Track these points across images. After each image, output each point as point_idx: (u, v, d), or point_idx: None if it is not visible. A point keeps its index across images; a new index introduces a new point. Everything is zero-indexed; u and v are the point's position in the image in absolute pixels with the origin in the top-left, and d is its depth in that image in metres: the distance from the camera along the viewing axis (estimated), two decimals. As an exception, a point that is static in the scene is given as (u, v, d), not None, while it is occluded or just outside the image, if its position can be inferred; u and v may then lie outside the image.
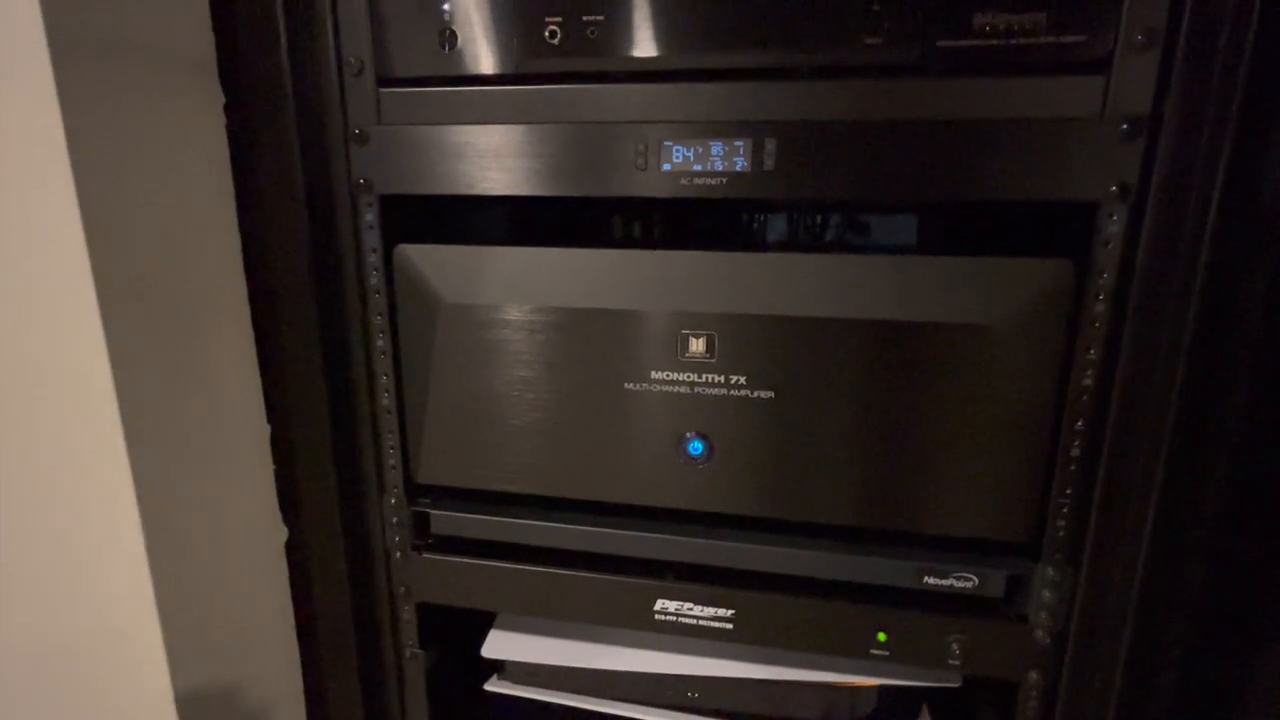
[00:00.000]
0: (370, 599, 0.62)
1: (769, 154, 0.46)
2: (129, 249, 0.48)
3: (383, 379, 0.56)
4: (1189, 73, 0.40)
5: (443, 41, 0.48)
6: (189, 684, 0.54)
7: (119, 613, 0.52)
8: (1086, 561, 0.49)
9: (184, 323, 0.52)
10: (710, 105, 0.46)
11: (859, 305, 0.47)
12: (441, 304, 0.53)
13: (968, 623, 0.52)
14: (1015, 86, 0.43)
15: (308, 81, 0.50)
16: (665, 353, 0.51)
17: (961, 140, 0.43)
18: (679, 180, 0.47)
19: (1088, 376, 0.46)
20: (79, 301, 0.46)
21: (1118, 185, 0.42)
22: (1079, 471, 0.48)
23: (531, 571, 0.58)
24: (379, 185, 0.52)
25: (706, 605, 0.55)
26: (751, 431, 0.51)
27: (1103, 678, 0.50)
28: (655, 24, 0.45)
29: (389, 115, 0.51)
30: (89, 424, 0.48)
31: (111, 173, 0.46)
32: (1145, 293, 0.44)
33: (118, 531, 0.50)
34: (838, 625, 0.54)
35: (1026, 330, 0.46)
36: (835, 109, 0.45)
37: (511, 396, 0.54)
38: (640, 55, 0.46)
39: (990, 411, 0.48)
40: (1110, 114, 0.42)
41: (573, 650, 0.64)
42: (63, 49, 0.42)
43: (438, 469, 0.58)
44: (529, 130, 0.49)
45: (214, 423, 0.55)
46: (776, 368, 0.49)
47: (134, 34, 0.47)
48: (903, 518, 0.51)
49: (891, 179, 0.45)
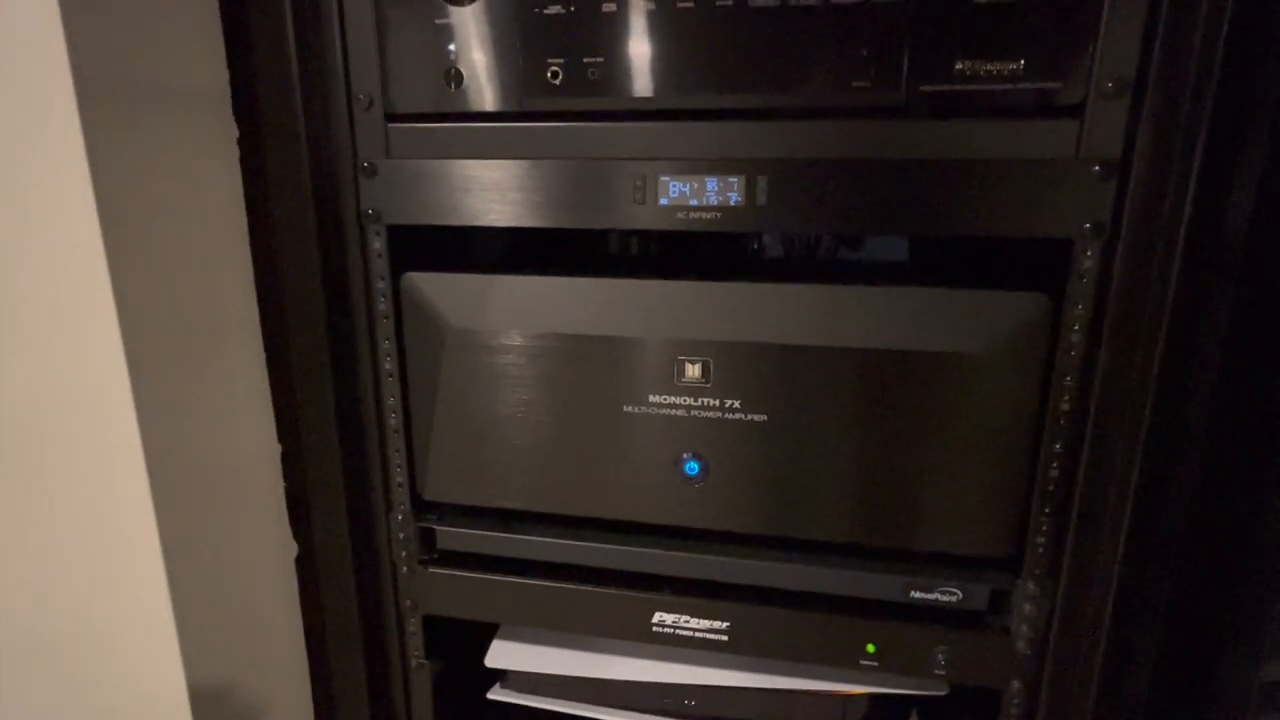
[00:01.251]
0: (378, 611, 0.64)
1: (761, 190, 0.48)
2: (148, 276, 0.50)
3: (390, 400, 0.58)
4: (1157, 118, 0.42)
5: (449, 80, 0.50)
6: (201, 693, 0.56)
7: (135, 626, 0.54)
8: (1065, 576, 0.51)
9: (200, 345, 0.54)
10: (705, 143, 0.48)
11: (847, 333, 0.50)
12: (447, 329, 0.55)
13: (952, 635, 0.54)
14: (994, 129, 0.45)
15: (319, 116, 0.52)
16: (662, 377, 0.53)
17: (943, 178, 0.46)
18: (675, 214, 0.50)
19: (1065, 402, 0.49)
20: (102, 325, 0.48)
21: (1091, 223, 0.45)
22: (1057, 491, 0.50)
23: (533, 585, 0.60)
24: (387, 216, 0.54)
25: (702, 618, 0.57)
26: (745, 453, 0.53)
27: (1080, 685, 0.53)
28: (653, 66, 0.47)
29: (397, 149, 0.53)
30: (109, 441, 0.50)
31: (132, 204, 0.48)
32: (1118, 324, 0.46)
33: (135, 544, 0.52)
34: (828, 637, 0.56)
35: (1006, 358, 0.48)
36: (824, 148, 0.47)
37: (514, 418, 0.56)
38: (638, 95, 0.48)
39: (973, 435, 0.50)
40: (1084, 156, 0.44)
41: (573, 660, 0.66)
42: (88, 91, 0.44)
43: (443, 487, 0.60)
44: (532, 165, 0.51)
45: (227, 441, 0.57)
46: (769, 392, 0.52)
47: (153, 73, 0.49)
48: (890, 535, 0.53)
49: (877, 214, 0.47)
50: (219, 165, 0.55)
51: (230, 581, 0.59)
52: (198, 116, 0.53)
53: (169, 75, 0.50)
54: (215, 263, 0.55)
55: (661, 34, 0.47)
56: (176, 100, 0.51)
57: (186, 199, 0.52)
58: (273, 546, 0.63)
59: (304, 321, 0.56)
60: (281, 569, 0.64)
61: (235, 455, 0.58)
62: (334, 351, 0.56)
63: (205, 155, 0.54)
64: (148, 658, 0.54)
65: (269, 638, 0.64)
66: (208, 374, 0.55)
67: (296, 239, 0.54)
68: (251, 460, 0.60)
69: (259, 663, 0.62)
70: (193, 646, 0.55)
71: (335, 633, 0.64)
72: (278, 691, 0.65)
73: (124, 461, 0.50)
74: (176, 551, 0.53)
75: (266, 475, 0.62)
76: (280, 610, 0.64)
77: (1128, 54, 0.42)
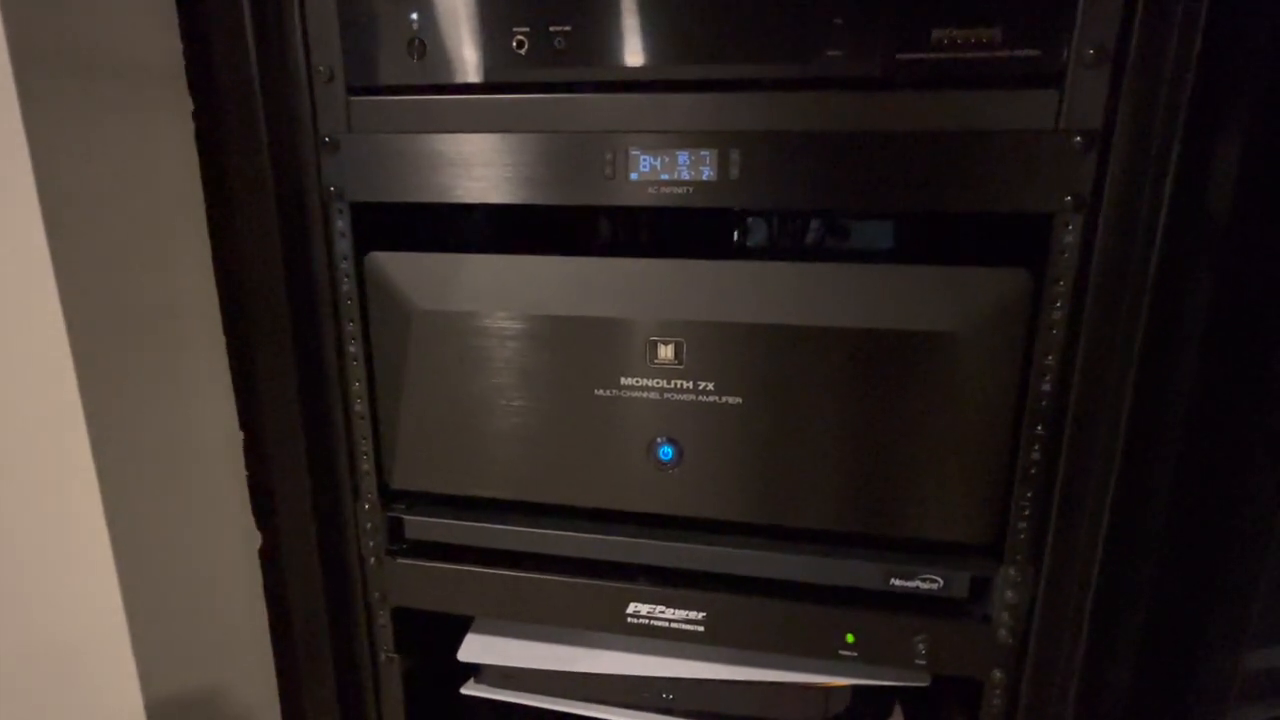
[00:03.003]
0: (346, 604, 0.62)
1: (734, 163, 0.47)
2: (94, 256, 0.48)
3: (355, 385, 0.57)
4: (1139, 88, 0.41)
5: (411, 51, 0.49)
6: (161, 693, 0.54)
7: (87, 622, 0.52)
8: (1047, 562, 0.50)
9: (154, 330, 0.52)
10: (677, 116, 0.47)
11: (823, 312, 0.48)
12: (413, 311, 0.53)
13: (933, 623, 0.53)
14: (973, 99, 0.43)
15: (277, 89, 0.50)
16: (634, 359, 0.51)
17: (921, 151, 0.44)
18: (646, 189, 0.48)
19: (1046, 382, 0.47)
20: (43, 311, 0.45)
21: (1072, 196, 0.44)
22: (1039, 475, 0.49)
23: (505, 576, 0.58)
24: (350, 193, 0.52)
25: (678, 608, 0.56)
26: (720, 437, 0.52)
27: (1062, 674, 0.51)
28: (622, 35, 0.46)
29: (359, 123, 0.51)
30: (53, 430, 0.48)
31: (76, 180, 0.46)
32: (1099, 300, 0.45)
33: (84, 541, 0.50)
34: (807, 627, 0.55)
35: (987, 336, 0.47)
36: (798, 120, 0.45)
37: (483, 402, 0.55)
38: (607, 66, 0.47)
39: (953, 417, 0.49)
40: (1064, 127, 0.43)
41: (548, 653, 0.64)
42: (25, 58, 0.42)
43: (411, 474, 0.58)
44: (498, 139, 0.49)
45: (185, 429, 0.55)
46: (743, 374, 0.50)
47: (100, 42, 0.47)
48: (869, 521, 0.52)
49: (853, 189, 0.46)
50: (173, 141, 0.53)
51: (190, 575, 0.57)
52: (150, 89, 0.51)
53: (117, 45, 0.48)
54: (170, 243, 0.53)
55: (629, 1, 0.45)
56: (126, 72, 0.49)
57: (138, 176, 0.50)
58: (235, 539, 0.61)
59: (265, 304, 0.54)
60: (245, 561, 0.62)
61: (194, 444, 0.56)
62: (297, 335, 0.55)
63: (158, 130, 0.52)
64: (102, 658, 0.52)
65: (233, 632, 0.62)
66: (163, 359, 0.53)
67: (256, 218, 0.53)
68: (212, 449, 0.58)
69: (223, 659, 0.60)
70: (150, 646, 0.53)
71: (302, 627, 0.62)
72: (243, 688, 0.63)
73: (70, 454, 0.48)
74: (129, 547, 0.51)
75: (228, 464, 0.59)
76: (245, 604, 0.62)
77: (1109, 21, 0.41)
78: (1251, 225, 0.44)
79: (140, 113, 0.50)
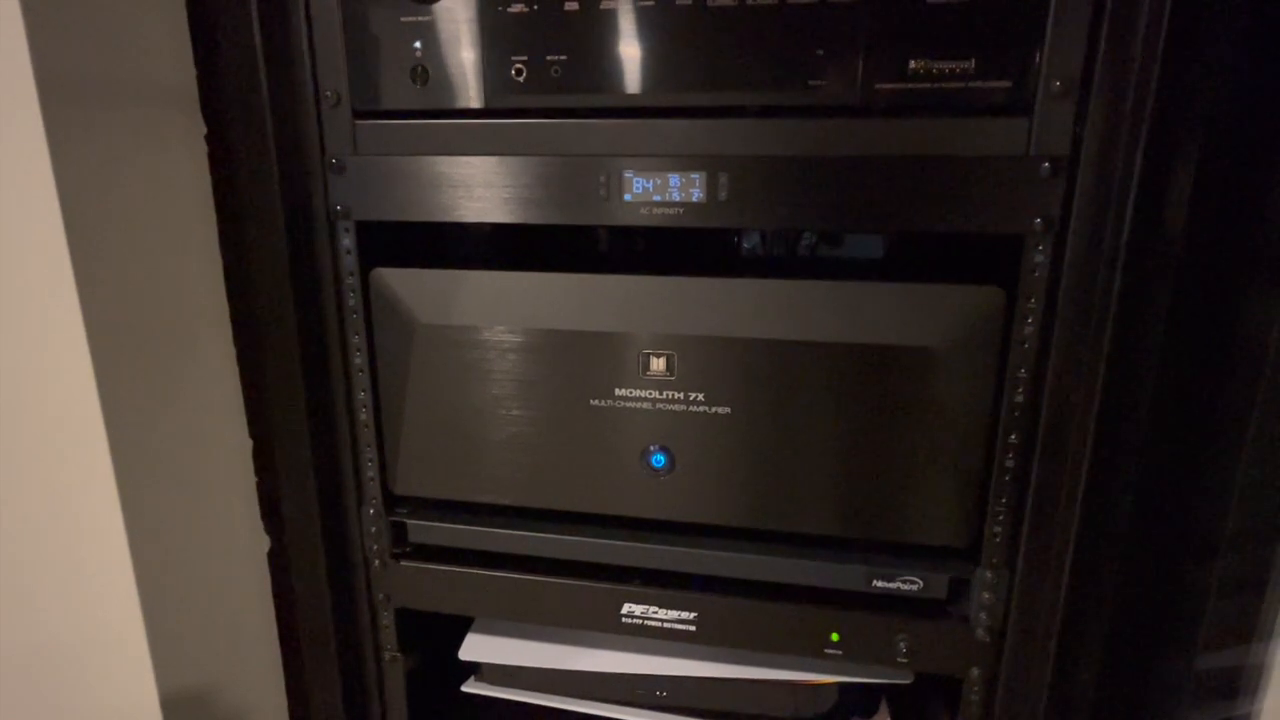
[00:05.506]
0: (350, 605, 0.64)
1: (723, 186, 0.49)
2: (114, 272, 0.50)
3: (360, 395, 0.59)
4: (1102, 117, 0.44)
5: (415, 77, 0.51)
6: (173, 688, 0.56)
7: (105, 621, 0.54)
8: (1020, 565, 0.53)
9: (168, 342, 0.55)
10: (668, 140, 0.49)
11: (807, 327, 0.51)
12: (416, 325, 0.56)
13: (914, 623, 0.55)
14: (948, 127, 0.46)
15: (286, 113, 0.53)
16: (628, 371, 0.54)
17: (898, 175, 0.47)
18: (639, 209, 0.50)
19: (1020, 394, 0.50)
20: (65, 323, 0.48)
21: (1042, 218, 0.46)
22: (1013, 481, 0.51)
23: (504, 578, 0.61)
24: (356, 212, 0.54)
25: (670, 609, 0.58)
26: (710, 445, 0.54)
27: (1036, 671, 0.54)
28: (615, 64, 0.48)
29: (365, 146, 0.53)
30: (75, 438, 0.50)
31: (96, 199, 0.48)
32: (1068, 316, 0.47)
33: (103, 542, 0.52)
34: (793, 626, 0.57)
35: (963, 351, 0.49)
36: (783, 145, 0.48)
37: (483, 412, 0.57)
38: (602, 93, 0.49)
39: (932, 426, 0.51)
40: (1034, 153, 0.45)
41: (547, 652, 0.66)
42: (50, 85, 0.44)
43: (414, 481, 0.60)
44: (498, 162, 0.51)
45: (197, 437, 0.58)
46: (732, 385, 0.53)
47: (119, 69, 0.50)
48: (852, 525, 0.54)
49: (834, 210, 0.48)
50: (188, 162, 0.55)
51: (202, 576, 0.59)
52: (165, 114, 0.53)
53: (135, 73, 0.51)
54: (184, 259, 0.56)
55: (623, 33, 0.47)
56: (143, 97, 0.51)
57: (154, 196, 0.53)
58: (245, 542, 0.63)
59: (274, 317, 0.56)
60: (254, 563, 0.64)
61: (206, 452, 0.59)
62: (304, 347, 0.57)
63: (173, 152, 0.54)
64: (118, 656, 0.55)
65: (242, 632, 0.64)
66: (177, 369, 0.55)
67: (265, 235, 0.55)
68: (222, 456, 0.60)
69: (232, 657, 0.63)
70: (164, 645, 0.55)
71: (308, 627, 0.64)
72: (251, 685, 0.65)
73: (90, 461, 0.50)
74: (146, 549, 0.53)
75: (238, 471, 0.62)
76: (253, 604, 0.65)
77: (1074, 55, 0.43)
78: (1204, 244, 0.46)
79: (156, 136, 0.52)
